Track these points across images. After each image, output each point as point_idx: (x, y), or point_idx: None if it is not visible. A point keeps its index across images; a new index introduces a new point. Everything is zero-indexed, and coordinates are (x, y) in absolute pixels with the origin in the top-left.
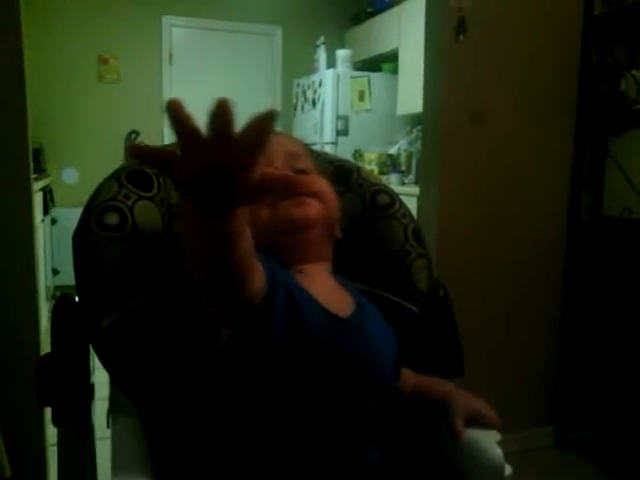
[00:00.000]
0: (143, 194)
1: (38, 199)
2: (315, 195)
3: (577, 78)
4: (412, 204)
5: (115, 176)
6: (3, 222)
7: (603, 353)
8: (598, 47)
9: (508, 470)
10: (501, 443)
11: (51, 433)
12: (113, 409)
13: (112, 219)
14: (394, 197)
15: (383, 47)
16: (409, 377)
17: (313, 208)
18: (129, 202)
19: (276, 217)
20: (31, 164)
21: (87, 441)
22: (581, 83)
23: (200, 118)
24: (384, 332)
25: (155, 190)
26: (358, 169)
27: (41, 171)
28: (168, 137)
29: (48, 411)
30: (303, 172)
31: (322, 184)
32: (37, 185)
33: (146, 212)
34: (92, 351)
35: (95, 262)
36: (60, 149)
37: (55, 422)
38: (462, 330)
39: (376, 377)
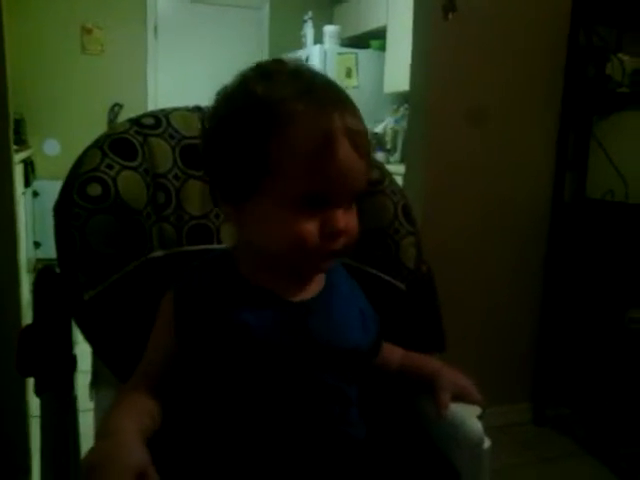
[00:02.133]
0: (127, 164)
1: (19, 171)
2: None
3: (564, 60)
4: (398, 183)
5: (98, 145)
6: None
7: (582, 333)
8: (586, 29)
9: (487, 443)
10: (480, 418)
11: (34, 405)
12: (95, 381)
13: (94, 190)
14: (384, 173)
15: (371, 24)
16: (395, 353)
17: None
18: (112, 172)
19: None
20: (12, 135)
21: (70, 411)
22: (568, 65)
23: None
24: (359, 309)
25: (139, 159)
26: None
27: (22, 143)
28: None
29: (30, 383)
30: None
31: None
32: (18, 157)
33: (130, 183)
34: (74, 323)
35: (77, 235)
36: (42, 120)
37: (37, 392)
38: (444, 306)
39: (347, 353)
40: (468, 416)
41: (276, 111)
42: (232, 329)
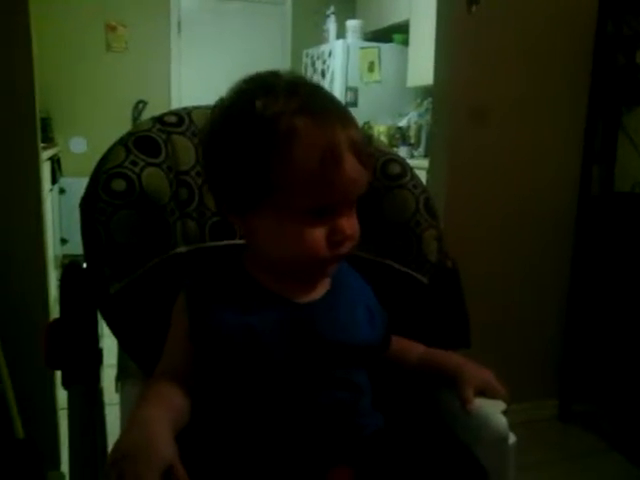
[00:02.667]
0: (151, 160)
1: (46, 168)
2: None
3: (592, 49)
4: (421, 177)
5: (122, 142)
6: (12, 192)
7: (608, 328)
8: (614, 17)
9: (512, 439)
10: (505, 413)
11: (62, 398)
12: (122, 375)
13: (119, 185)
14: (406, 167)
15: (394, 17)
16: (415, 349)
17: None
18: (136, 168)
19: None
20: (39, 133)
21: (96, 403)
22: (596, 55)
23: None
24: (365, 306)
25: (163, 156)
26: (369, 137)
27: (49, 140)
28: (175, 107)
29: (59, 376)
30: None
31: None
32: (45, 154)
33: (154, 178)
34: (100, 317)
35: (102, 229)
36: (68, 118)
37: (65, 384)
38: (469, 302)
39: (355, 349)
40: (493, 411)
41: (276, 127)
42: (241, 331)
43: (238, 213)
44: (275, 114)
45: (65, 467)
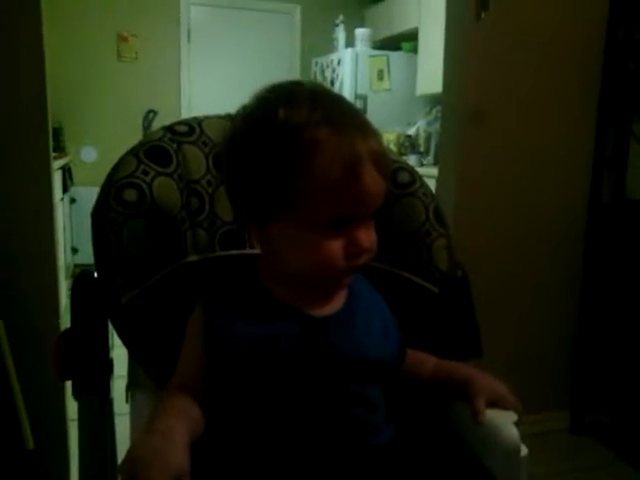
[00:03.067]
0: (162, 170)
1: (57, 178)
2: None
3: (602, 56)
4: (431, 185)
5: (133, 152)
6: (23, 201)
7: (620, 338)
8: (625, 24)
9: (524, 451)
10: (516, 425)
11: (72, 409)
12: (132, 385)
13: (130, 195)
14: (415, 175)
15: (403, 26)
16: (427, 363)
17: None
18: (147, 178)
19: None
20: (51, 143)
21: (106, 413)
22: (606, 61)
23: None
24: (381, 319)
25: (174, 166)
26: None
27: (60, 150)
28: (185, 116)
29: (69, 387)
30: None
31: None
32: (56, 164)
33: (165, 188)
34: (111, 328)
35: (113, 239)
36: (79, 128)
37: (75, 395)
38: (479, 312)
39: (371, 364)
40: (504, 422)
41: (299, 137)
42: (256, 344)
43: (257, 222)
44: (299, 124)
45: (75, 479)
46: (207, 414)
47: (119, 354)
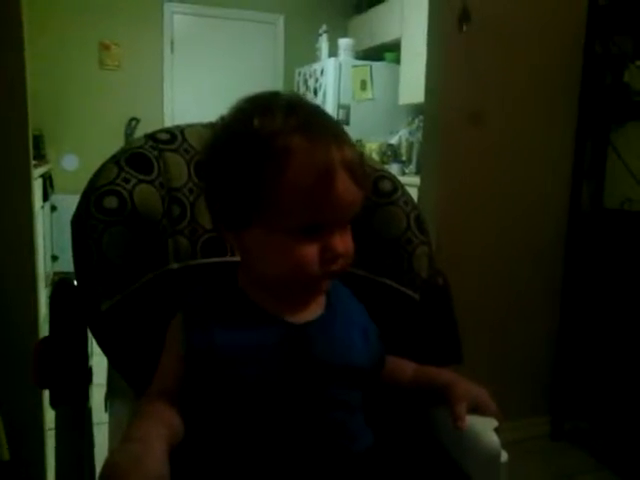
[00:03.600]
0: (143, 177)
1: (38, 186)
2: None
3: (581, 69)
4: (413, 194)
5: (114, 159)
6: (2, 208)
7: (600, 345)
8: (602, 37)
9: (504, 457)
10: (497, 431)
11: (50, 418)
12: (111, 394)
13: (111, 203)
14: (397, 184)
15: (386, 36)
16: (407, 369)
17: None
18: (128, 186)
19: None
20: (31, 150)
21: (85, 423)
22: (584, 74)
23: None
24: (361, 326)
25: (155, 173)
26: (360, 155)
27: (41, 157)
28: (168, 125)
29: (47, 396)
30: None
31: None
32: (37, 172)
33: (146, 195)
34: (90, 336)
35: (94, 246)
36: (60, 136)
37: (53, 404)
38: (460, 318)
39: (351, 371)
40: (485, 428)
41: (271, 145)
42: (236, 352)
43: (233, 230)
44: (271, 132)
45: None
46: (187, 421)
47: (98, 362)
